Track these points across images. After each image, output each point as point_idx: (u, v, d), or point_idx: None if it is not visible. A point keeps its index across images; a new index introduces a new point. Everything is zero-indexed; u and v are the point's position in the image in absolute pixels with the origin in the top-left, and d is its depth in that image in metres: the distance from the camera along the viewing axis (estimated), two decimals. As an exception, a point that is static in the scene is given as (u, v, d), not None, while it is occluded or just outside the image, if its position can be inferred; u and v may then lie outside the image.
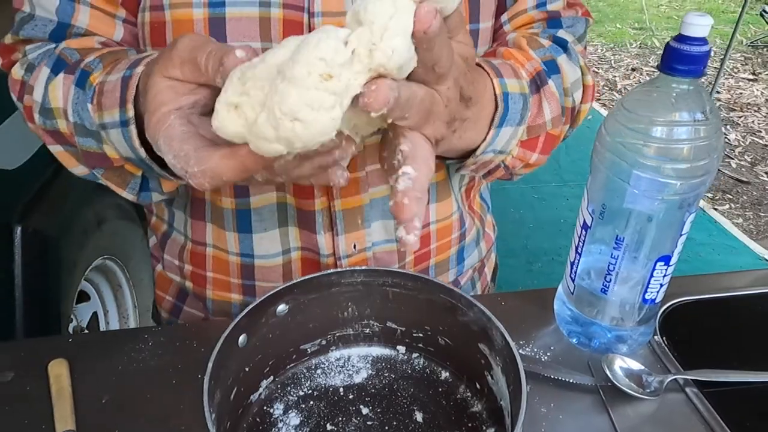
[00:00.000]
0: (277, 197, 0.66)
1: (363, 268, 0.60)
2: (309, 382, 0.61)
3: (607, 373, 0.61)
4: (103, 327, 1.51)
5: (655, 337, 0.67)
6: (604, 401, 0.61)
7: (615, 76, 4.56)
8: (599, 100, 4.15)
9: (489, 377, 0.57)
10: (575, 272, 0.63)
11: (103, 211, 1.48)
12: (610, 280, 0.60)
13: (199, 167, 0.40)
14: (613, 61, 4.82)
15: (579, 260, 0.62)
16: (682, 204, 0.54)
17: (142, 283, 1.65)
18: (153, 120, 0.43)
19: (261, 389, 0.60)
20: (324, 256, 0.68)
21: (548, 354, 0.66)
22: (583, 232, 0.61)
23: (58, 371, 0.61)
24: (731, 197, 3.05)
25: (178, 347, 0.66)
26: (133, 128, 0.49)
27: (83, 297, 1.51)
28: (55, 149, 0.59)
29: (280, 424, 0.57)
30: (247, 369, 0.56)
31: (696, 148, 0.51)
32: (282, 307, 0.57)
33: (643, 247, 0.57)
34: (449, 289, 0.57)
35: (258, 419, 0.58)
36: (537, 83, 0.61)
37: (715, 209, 2.92)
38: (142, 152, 0.51)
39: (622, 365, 0.62)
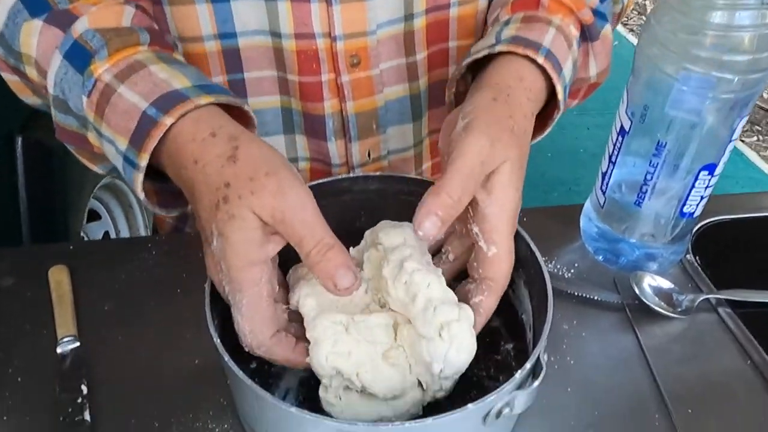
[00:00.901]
0: (281, 101, 0.60)
1: (377, 174, 0.55)
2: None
3: (636, 290, 0.58)
4: (114, 246, 1.50)
5: (687, 255, 0.63)
6: (631, 319, 0.57)
7: (645, 0, 4.32)
8: (626, 24, 3.95)
9: (510, 291, 0.53)
10: (607, 184, 0.59)
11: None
12: (646, 191, 0.55)
13: (258, 349, 0.42)
14: (642, -16, 4.57)
15: (612, 170, 0.57)
16: (735, 105, 0.48)
17: (153, 204, 1.62)
18: (235, 263, 0.39)
19: (269, 300, 0.57)
20: (335, 166, 0.63)
21: (572, 271, 0.62)
22: (619, 139, 0.55)
23: (59, 277, 0.59)
24: (760, 129, 2.93)
25: (182, 256, 0.63)
26: (139, 175, 0.41)
27: (94, 216, 1.50)
28: (9, 77, 0.51)
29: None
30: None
31: (760, 38, 0.44)
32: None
33: (687, 154, 0.51)
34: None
35: (265, 329, 0.55)
36: (585, 36, 0.54)
37: (742, 141, 2.81)
38: (142, 195, 0.43)
39: (652, 283, 0.59)
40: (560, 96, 0.49)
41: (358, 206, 0.57)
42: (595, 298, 0.59)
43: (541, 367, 0.40)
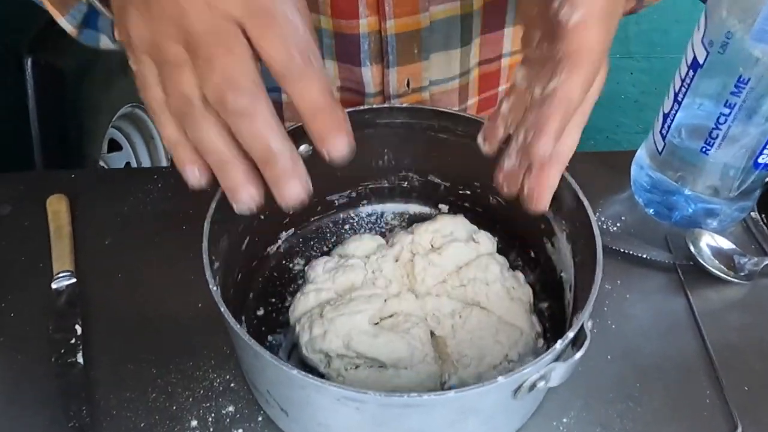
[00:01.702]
0: None
1: (405, 105, 0.49)
2: (335, 238, 0.53)
3: (692, 250, 0.51)
4: (135, 177, 1.48)
5: (752, 213, 0.56)
6: (683, 282, 0.51)
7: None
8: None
9: (548, 245, 0.47)
10: (668, 127, 0.51)
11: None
12: (716, 137, 0.47)
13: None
14: None
15: (677, 111, 0.50)
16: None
17: (176, 135, 1.59)
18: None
19: (280, 242, 0.52)
20: (369, 95, 0.56)
21: (618, 225, 0.56)
22: (690, 74, 0.47)
23: (57, 207, 0.54)
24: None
25: (190, 191, 0.58)
26: None
27: (116, 147, 1.47)
28: None
29: (300, 281, 0.50)
30: (262, 217, 0.48)
31: None
32: (304, 148, 0.47)
33: (771, 95, 0.43)
34: (510, 135, 0.46)
35: (275, 273, 0.51)
36: None
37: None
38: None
39: (710, 243, 0.52)
40: None
41: (382, 143, 0.50)
42: (644, 256, 0.52)
43: (585, 335, 0.34)
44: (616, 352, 0.47)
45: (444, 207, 0.55)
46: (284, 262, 0.52)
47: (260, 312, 0.48)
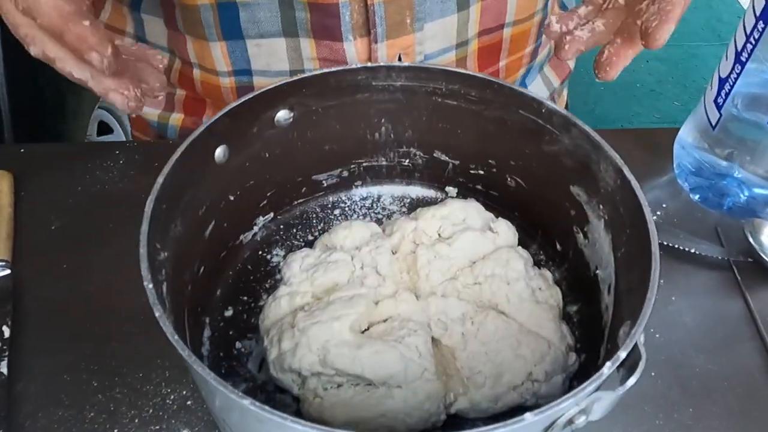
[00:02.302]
0: None
1: (406, 64, 0.40)
2: (322, 225, 0.45)
3: (751, 243, 0.42)
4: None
5: (820, 201, 0.47)
6: (739, 281, 0.43)
7: None
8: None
9: (580, 235, 0.39)
10: (726, 94, 0.42)
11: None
12: (789, 105, 0.39)
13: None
14: None
15: (738, 75, 0.41)
16: None
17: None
18: None
19: (256, 228, 0.44)
20: None
21: (658, 213, 0.47)
22: (760, 26, 0.38)
23: (-2, 186, 0.46)
24: None
25: (156, 168, 0.49)
26: None
27: (107, 130, 1.41)
28: None
29: (279, 275, 0.41)
30: (231, 198, 0.40)
31: None
32: (284, 114, 0.39)
33: None
34: (535, 99, 0.37)
35: (249, 266, 0.42)
36: None
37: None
38: None
39: (773, 235, 0.43)
40: None
41: (378, 111, 0.42)
42: (691, 250, 0.44)
43: (640, 355, 0.26)
44: (661, 369, 0.38)
45: (452, 190, 0.46)
46: (261, 252, 0.43)
47: (229, 313, 0.40)
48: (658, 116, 1.91)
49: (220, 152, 0.36)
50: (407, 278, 0.38)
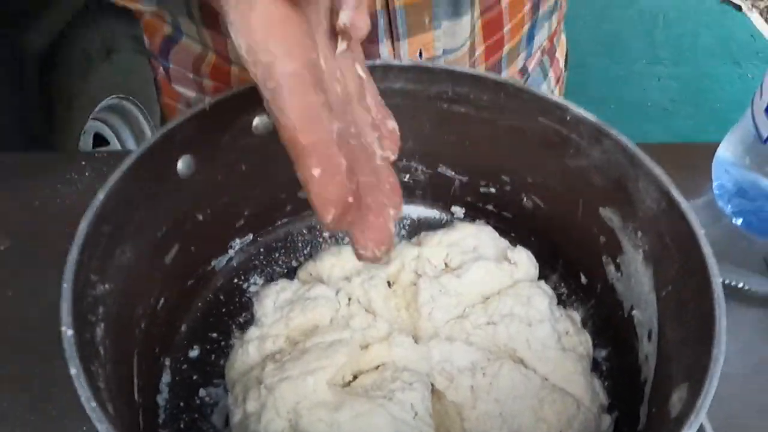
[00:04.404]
0: None
1: (406, 63, 0.35)
2: (309, 249, 0.39)
3: (811, 278, 0.36)
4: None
5: None
6: (797, 323, 0.36)
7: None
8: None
9: (611, 267, 0.33)
10: (780, 103, 0.36)
11: (113, 40, 1.28)
12: None
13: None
14: None
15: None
16: None
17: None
18: None
19: (232, 252, 0.38)
20: None
21: (696, 240, 0.41)
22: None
23: (-60, 200, 0.41)
24: None
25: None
26: None
27: (104, 142, 1.38)
28: None
29: (257, 307, 0.35)
30: (200, 217, 0.34)
31: None
32: (263, 120, 0.34)
33: None
34: (558, 105, 0.31)
35: (222, 297, 0.37)
36: None
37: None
38: None
39: (835, 268, 0.37)
40: None
41: (374, 118, 0.36)
42: (738, 285, 0.38)
43: (706, 435, 0.19)
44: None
45: (458, 210, 0.40)
46: (237, 281, 0.38)
47: (194, 353, 0.34)
48: (671, 135, 1.86)
49: (183, 164, 0.31)
50: (405, 316, 0.32)
